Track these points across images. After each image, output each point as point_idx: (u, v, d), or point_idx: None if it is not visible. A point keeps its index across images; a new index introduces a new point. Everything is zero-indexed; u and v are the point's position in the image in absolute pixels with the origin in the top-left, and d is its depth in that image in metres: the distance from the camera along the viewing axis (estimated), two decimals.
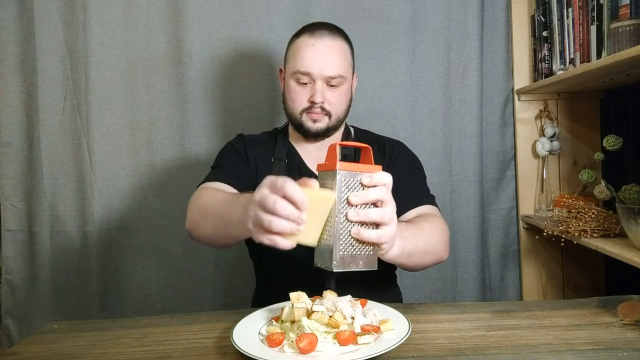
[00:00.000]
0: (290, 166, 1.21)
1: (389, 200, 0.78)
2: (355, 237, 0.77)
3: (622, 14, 1.24)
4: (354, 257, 0.78)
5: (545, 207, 1.74)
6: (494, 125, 1.78)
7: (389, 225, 0.78)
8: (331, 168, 0.76)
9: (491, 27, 1.76)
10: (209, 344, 0.84)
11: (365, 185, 0.77)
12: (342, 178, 0.75)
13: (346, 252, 0.77)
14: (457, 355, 0.76)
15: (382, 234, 0.78)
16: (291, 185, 0.71)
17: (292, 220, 0.72)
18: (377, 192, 0.77)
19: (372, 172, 0.78)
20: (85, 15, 1.66)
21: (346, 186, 0.76)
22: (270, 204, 0.72)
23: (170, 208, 1.70)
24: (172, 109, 1.70)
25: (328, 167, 0.78)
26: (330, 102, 1.15)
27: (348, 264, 0.77)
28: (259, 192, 0.75)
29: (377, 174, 0.78)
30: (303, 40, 1.16)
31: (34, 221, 1.69)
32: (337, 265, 0.76)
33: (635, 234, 1.19)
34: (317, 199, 0.74)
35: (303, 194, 0.72)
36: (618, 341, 0.78)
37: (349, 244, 0.77)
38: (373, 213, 0.77)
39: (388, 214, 0.78)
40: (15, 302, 1.70)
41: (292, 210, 0.71)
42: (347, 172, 0.76)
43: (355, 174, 0.77)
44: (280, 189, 0.72)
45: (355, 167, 0.78)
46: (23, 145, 1.70)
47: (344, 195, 0.76)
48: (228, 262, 1.71)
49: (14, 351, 0.86)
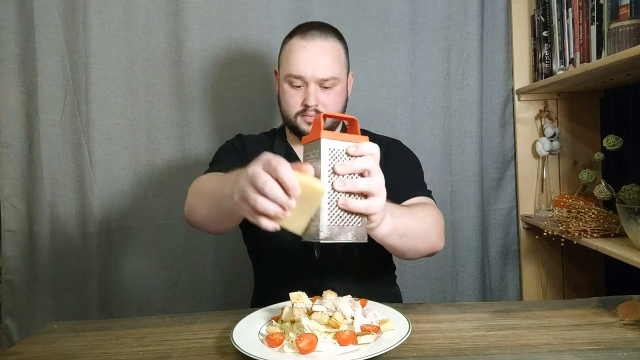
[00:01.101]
0: None
1: (376, 170, 0.76)
2: (343, 207, 0.74)
3: (622, 14, 1.24)
4: (342, 228, 0.75)
5: (545, 207, 1.74)
6: (494, 125, 1.78)
7: (377, 196, 0.76)
8: (315, 137, 0.74)
9: (491, 27, 1.76)
10: (209, 344, 0.84)
11: (352, 154, 0.75)
12: (326, 147, 0.73)
13: (333, 223, 0.74)
14: (457, 355, 0.76)
15: (371, 204, 0.76)
16: (285, 168, 0.69)
17: (279, 204, 0.70)
18: (364, 161, 0.75)
19: (358, 142, 0.76)
20: (85, 15, 1.66)
21: (331, 155, 0.74)
22: (260, 182, 0.69)
23: (170, 208, 1.70)
24: (172, 109, 1.70)
25: (312, 138, 0.76)
26: (325, 104, 1.15)
27: (336, 235, 0.74)
28: (251, 167, 0.72)
29: (363, 144, 0.76)
30: (294, 43, 1.15)
31: (34, 221, 1.69)
32: (324, 235, 0.73)
33: (635, 234, 1.19)
34: (308, 188, 0.71)
35: (296, 179, 0.69)
36: (618, 341, 0.78)
37: (336, 215, 0.74)
38: (360, 182, 0.75)
39: (376, 183, 0.76)
40: (15, 302, 1.70)
41: (280, 194, 0.69)
42: (332, 141, 0.74)
43: (341, 142, 0.75)
44: (274, 169, 0.69)
45: (340, 136, 0.75)
46: (23, 145, 1.70)
47: (330, 165, 0.73)
48: (228, 262, 1.71)
49: (14, 351, 0.86)
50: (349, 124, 0.82)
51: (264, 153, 0.74)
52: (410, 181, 1.17)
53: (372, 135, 1.29)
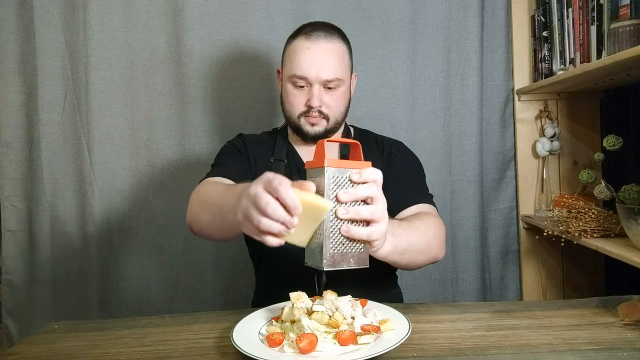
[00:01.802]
0: (290, 166, 1.21)
1: (379, 196, 0.77)
2: (346, 235, 0.75)
3: (622, 14, 1.24)
4: (345, 255, 0.76)
5: (545, 207, 1.74)
6: (494, 125, 1.78)
7: (380, 223, 0.77)
8: (319, 165, 0.75)
9: (491, 27, 1.76)
10: (209, 344, 0.84)
11: (355, 181, 0.75)
12: (330, 175, 0.74)
13: (336, 250, 0.76)
14: (457, 355, 0.76)
15: (373, 231, 0.77)
16: (286, 189, 0.69)
17: (282, 223, 0.70)
18: (367, 189, 0.75)
19: (361, 168, 0.76)
20: (85, 15, 1.66)
21: (335, 183, 0.75)
22: (262, 204, 0.70)
23: (170, 208, 1.70)
24: (172, 109, 1.70)
25: (316, 165, 0.76)
26: (328, 106, 1.15)
27: (339, 262, 0.76)
28: (253, 188, 0.72)
29: (366, 170, 0.76)
30: (299, 43, 1.14)
31: (34, 221, 1.69)
32: (327, 264, 0.74)
33: (635, 234, 1.19)
34: (311, 206, 0.71)
35: (297, 199, 0.69)
36: (618, 341, 0.78)
37: (339, 242, 0.76)
38: (363, 210, 0.75)
39: (379, 210, 0.76)
40: (15, 302, 1.70)
41: (282, 214, 0.69)
42: (335, 169, 0.75)
43: (344, 170, 0.75)
44: (275, 190, 0.69)
45: (344, 163, 0.76)
46: (23, 145, 1.70)
47: (333, 193, 0.74)
48: (228, 262, 1.71)
49: (14, 351, 0.86)
50: (352, 148, 0.83)
51: (265, 173, 0.74)
52: (412, 188, 1.17)
53: (374, 137, 1.30)
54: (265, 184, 0.71)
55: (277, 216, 0.69)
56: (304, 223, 0.73)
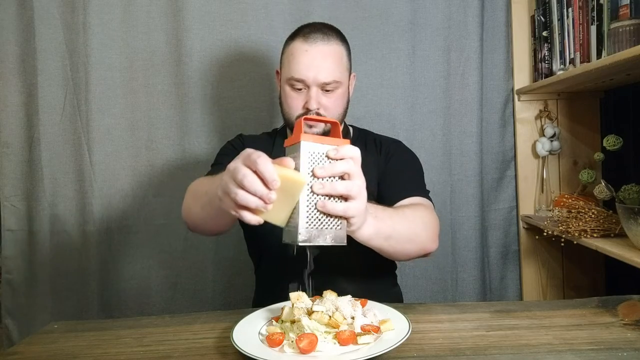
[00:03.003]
0: None
1: (356, 173, 0.76)
2: (321, 209, 0.74)
3: (622, 14, 1.24)
4: (321, 231, 0.75)
5: (545, 207, 1.74)
6: (494, 125, 1.78)
7: (357, 199, 0.76)
8: (296, 140, 0.75)
9: (491, 27, 1.76)
10: (209, 344, 0.84)
11: (332, 158, 0.75)
12: (306, 150, 0.74)
13: (312, 225, 0.75)
14: (457, 355, 0.76)
15: (349, 206, 0.76)
16: (264, 162, 0.70)
17: (259, 197, 0.71)
18: (344, 164, 0.75)
19: (339, 145, 0.76)
20: (85, 15, 1.66)
21: (311, 158, 0.74)
22: (239, 177, 0.71)
23: (170, 208, 1.70)
24: (172, 109, 1.70)
25: (293, 141, 0.76)
26: (326, 108, 1.15)
27: (315, 237, 0.74)
28: (232, 163, 0.74)
29: (344, 147, 0.76)
30: (297, 45, 1.14)
31: (34, 221, 1.69)
32: (302, 238, 0.73)
33: (635, 234, 1.19)
34: (289, 180, 0.72)
35: (275, 172, 0.70)
36: (618, 341, 0.78)
37: (314, 217, 0.75)
38: (339, 185, 0.75)
39: (355, 186, 0.76)
40: (15, 302, 1.70)
41: (259, 187, 0.70)
42: (312, 144, 0.74)
43: (321, 146, 0.75)
44: (253, 162, 0.70)
45: (321, 139, 0.76)
46: (23, 145, 1.70)
47: (310, 168, 0.74)
48: (228, 262, 1.71)
49: (14, 351, 0.86)
50: (331, 126, 0.83)
51: (244, 149, 0.75)
52: (408, 182, 1.17)
53: (372, 136, 1.30)
54: (243, 158, 0.73)
55: (254, 189, 0.70)
56: (282, 200, 0.72)
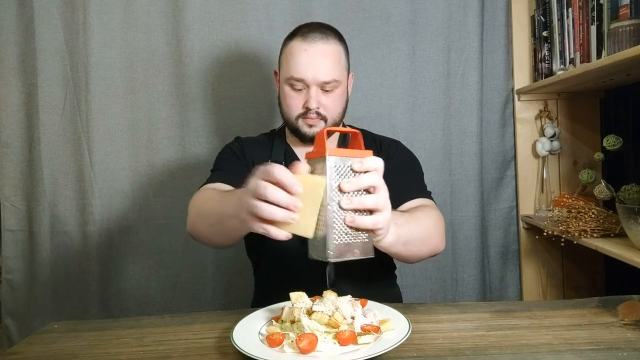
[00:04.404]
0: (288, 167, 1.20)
1: (381, 185, 0.76)
2: (350, 225, 0.74)
3: (622, 14, 1.24)
4: (350, 245, 0.74)
5: (545, 207, 1.74)
6: (494, 125, 1.78)
7: (384, 211, 0.76)
8: (320, 155, 0.73)
9: (491, 27, 1.76)
10: (209, 344, 0.84)
11: (356, 170, 0.75)
12: (332, 164, 0.73)
13: (341, 241, 0.74)
14: (457, 355, 0.76)
15: (378, 220, 0.76)
16: (280, 170, 0.71)
17: (284, 206, 0.71)
18: (370, 177, 0.75)
19: (362, 157, 0.75)
20: (85, 15, 1.66)
21: (337, 172, 0.73)
22: (261, 189, 0.71)
23: (170, 208, 1.70)
24: (172, 109, 1.70)
25: (317, 154, 0.75)
26: (326, 107, 1.15)
27: (344, 253, 0.74)
28: (251, 181, 0.74)
29: (368, 159, 0.75)
30: (295, 45, 1.14)
31: (34, 221, 1.69)
32: (332, 254, 0.72)
33: (635, 234, 1.19)
34: (308, 182, 0.71)
35: (294, 177, 0.71)
36: (618, 341, 0.78)
37: (343, 232, 0.74)
38: (367, 200, 0.75)
39: (382, 199, 0.76)
40: (15, 302, 1.70)
41: (282, 195, 0.70)
42: (337, 158, 0.73)
43: (346, 159, 0.74)
44: (270, 174, 0.71)
45: (345, 152, 0.75)
46: (23, 145, 1.70)
47: (336, 182, 0.73)
48: (228, 262, 1.71)
49: (14, 351, 0.86)
50: (352, 137, 0.82)
51: (258, 166, 0.75)
52: (410, 183, 1.17)
53: (371, 136, 1.30)
54: (260, 174, 0.74)
55: (277, 198, 0.70)
56: (305, 207, 0.72)
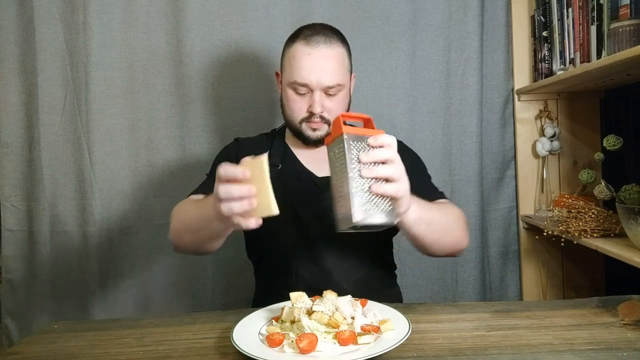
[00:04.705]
0: (286, 170, 1.19)
1: (396, 159, 0.82)
2: (375, 191, 0.79)
3: (622, 14, 1.24)
4: (373, 212, 0.80)
5: (545, 207, 1.74)
6: (494, 125, 1.78)
7: (401, 181, 0.82)
8: (338, 134, 0.81)
9: (491, 27, 1.76)
10: (209, 344, 0.84)
11: (372, 145, 0.81)
12: (349, 140, 0.81)
13: (365, 206, 0.79)
14: (457, 355, 0.76)
15: (399, 187, 0.81)
16: (225, 167, 0.80)
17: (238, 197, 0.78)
18: (385, 151, 0.81)
19: (375, 135, 0.83)
20: (85, 15, 1.66)
21: (355, 147, 0.81)
22: (221, 194, 0.80)
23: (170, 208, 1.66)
24: (172, 109, 1.70)
25: (335, 135, 0.83)
26: (330, 111, 1.14)
27: (369, 217, 0.79)
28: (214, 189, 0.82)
29: (382, 136, 0.82)
30: (298, 48, 1.13)
31: (34, 221, 1.69)
32: (359, 218, 0.78)
33: (635, 234, 1.19)
34: (251, 164, 0.80)
35: (236, 167, 0.80)
36: (618, 341, 0.78)
37: (366, 200, 0.80)
38: (384, 169, 0.81)
39: (398, 170, 0.82)
40: (15, 302, 1.70)
41: (234, 190, 0.79)
42: (354, 135, 0.81)
43: (361, 136, 0.82)
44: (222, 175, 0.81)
45: (360, 130, 0.83)
46: (23, 145, 1.70)
47: (355, 155, 0.80)
48: (228, 262, 1.71)
49: (14, 351, 0.86)
50: (365, 122, 0.89)
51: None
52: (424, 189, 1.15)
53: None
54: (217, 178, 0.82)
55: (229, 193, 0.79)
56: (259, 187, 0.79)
